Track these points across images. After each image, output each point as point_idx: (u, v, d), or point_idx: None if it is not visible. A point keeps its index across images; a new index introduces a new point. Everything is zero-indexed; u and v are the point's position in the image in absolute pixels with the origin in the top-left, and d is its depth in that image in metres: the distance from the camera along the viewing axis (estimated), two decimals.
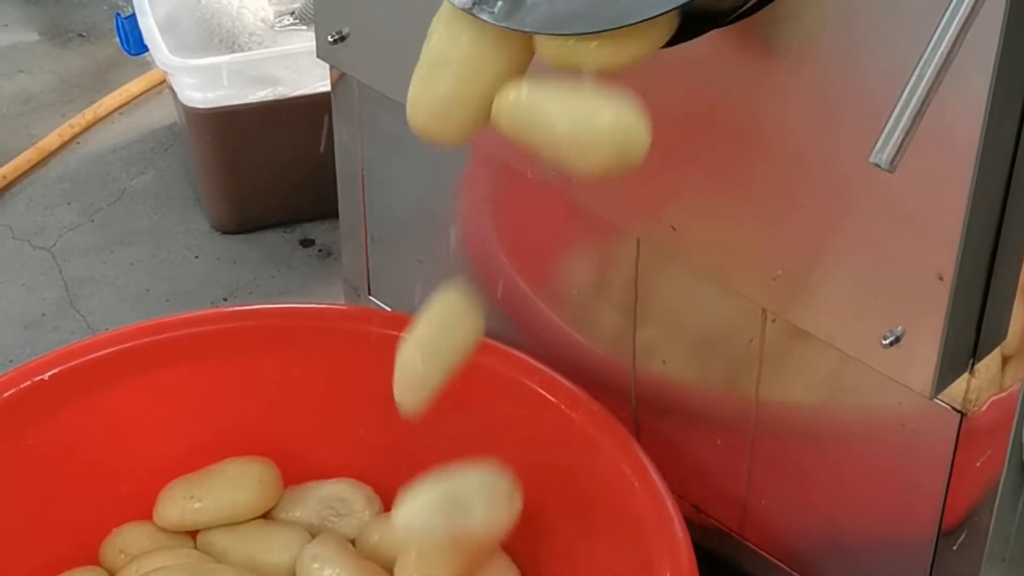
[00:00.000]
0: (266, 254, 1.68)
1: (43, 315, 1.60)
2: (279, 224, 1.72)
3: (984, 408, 0.96)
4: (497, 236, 1.25)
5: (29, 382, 1.19)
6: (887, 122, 0.77)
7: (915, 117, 0.76)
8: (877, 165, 0.77)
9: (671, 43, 0.88)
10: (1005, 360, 0.94)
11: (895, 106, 0.77)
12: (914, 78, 0.76)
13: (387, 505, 1.24)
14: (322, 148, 1.34)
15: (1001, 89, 0.80)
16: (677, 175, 1.00)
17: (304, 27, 1.72)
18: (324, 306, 1.34)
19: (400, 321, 1.25)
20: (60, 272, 1.67)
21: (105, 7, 2.14)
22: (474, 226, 1.27)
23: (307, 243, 1.70)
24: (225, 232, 1.71)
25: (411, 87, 0.91)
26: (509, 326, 1.25)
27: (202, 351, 1.24)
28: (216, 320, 1.26)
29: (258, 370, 1.25)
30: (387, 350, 1.10)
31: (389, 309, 1.36)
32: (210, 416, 1.25)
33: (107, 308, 1.61)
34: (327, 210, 1.52)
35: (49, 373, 1.20)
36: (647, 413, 1.19)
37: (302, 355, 1.25)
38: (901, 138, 0.76)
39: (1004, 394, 0.95)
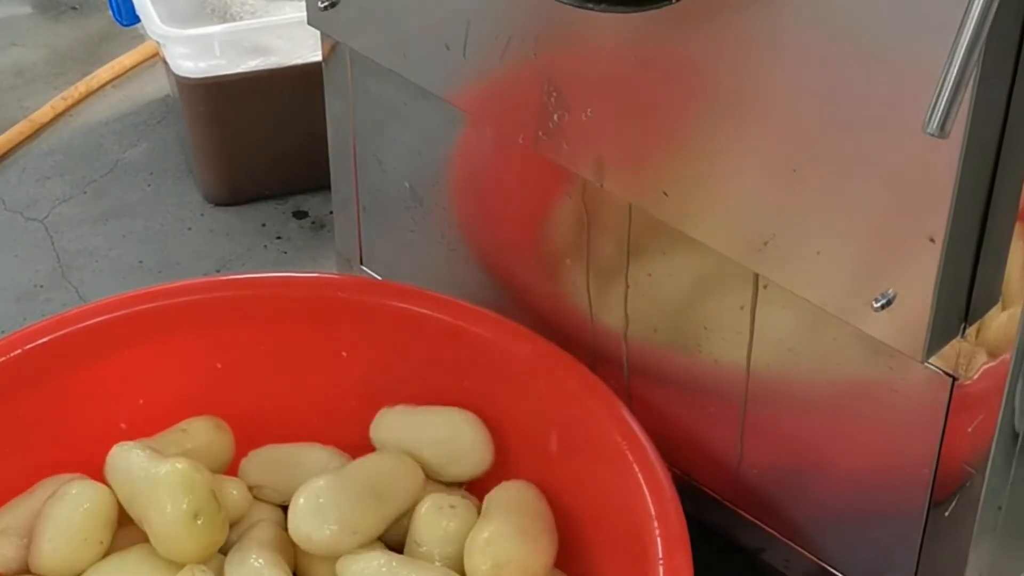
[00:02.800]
0: (259, 226, 1.68)
1: (36, 287, 1.60)
2: (272, 196, 1.71)
3: (976, 374, 0.95)
4: (488, 205, 1.25)
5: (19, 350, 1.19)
6: (937, 93, 0.77)
7: (962, 83, 0.76)
8: (932, 135, 0.77)
9: (656, 3, 0.87)
10: (997, 324, 0.93)
11: (943, 76, 0.76)
12: (962, 48, 0.76)
13: None
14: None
15: (993, 49, 0.80)
16: (669, 140, 0.99)
17: None
18: (303, 275, 1.33)
19: (388, 290, 1.25)
20: (52, 244, 1.66)
21: None
22: (465, 195, 1.27)
23: (300, 215, 1.69)
24: (218, 204, 1.71)
25: None
26: (500, 295, 1.25)
27: (192, 321, 1.24)
28: (201, 290, 1.25)
29: (249, 340, 1.24)
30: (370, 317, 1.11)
31: (380, 278, 1.36)
32: (194, 384, 1.24)
33: (100, 280, 1.61)
34: (321, 181, 1.52)
35: (40, 341, 1.20)
36: (639, 381, 1.18)
37: (293, 324, 1.25)
38: (949, 106, 0.77)
39: (996, 360, 0.94)
